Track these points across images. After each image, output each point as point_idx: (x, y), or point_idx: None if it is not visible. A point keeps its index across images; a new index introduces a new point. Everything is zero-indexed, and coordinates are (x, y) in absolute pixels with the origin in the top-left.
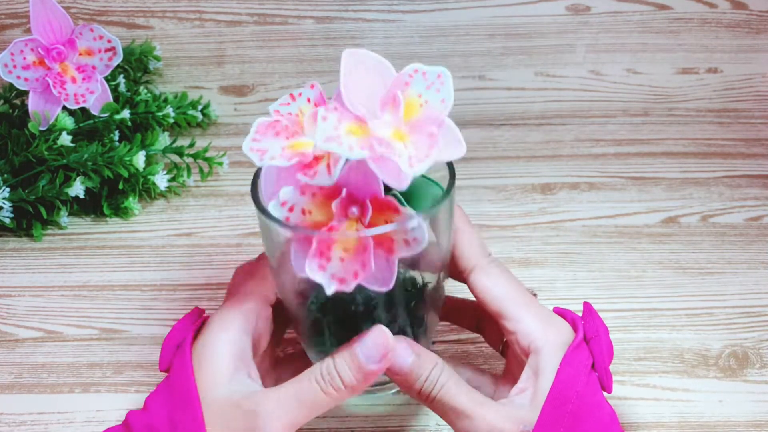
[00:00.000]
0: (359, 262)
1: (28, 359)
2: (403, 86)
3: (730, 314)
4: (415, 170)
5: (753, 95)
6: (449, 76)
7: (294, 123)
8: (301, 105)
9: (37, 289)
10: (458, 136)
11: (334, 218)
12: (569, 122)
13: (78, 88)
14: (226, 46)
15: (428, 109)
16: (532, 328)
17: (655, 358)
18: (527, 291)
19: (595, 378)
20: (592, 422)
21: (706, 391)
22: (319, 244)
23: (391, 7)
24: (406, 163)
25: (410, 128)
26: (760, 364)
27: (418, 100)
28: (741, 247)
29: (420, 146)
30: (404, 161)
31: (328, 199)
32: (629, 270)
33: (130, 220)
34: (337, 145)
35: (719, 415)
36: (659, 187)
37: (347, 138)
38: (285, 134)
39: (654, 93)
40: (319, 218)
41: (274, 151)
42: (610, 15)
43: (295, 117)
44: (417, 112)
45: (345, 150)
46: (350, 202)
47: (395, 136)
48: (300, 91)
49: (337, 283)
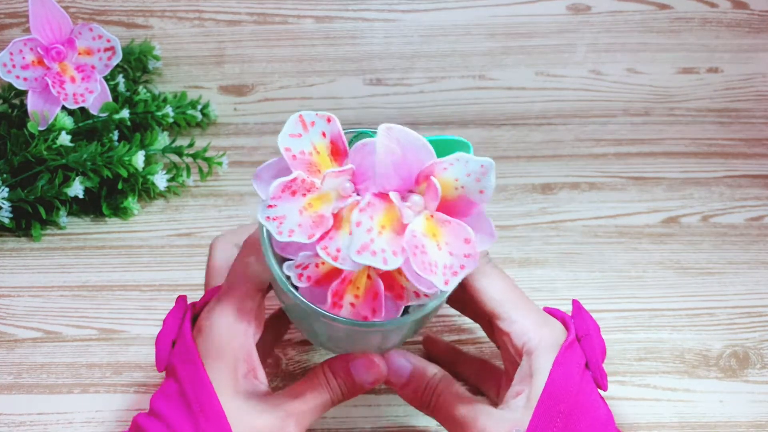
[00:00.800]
0: (369, 308)
1: (27, 359)
2: (442, 171)
3: (730, 314)
4: (447, 287)
5: (754, 95)
6: (493, 168)
7: (310, 166)
8: (313, 139)
9: (36, 290)
10: (492, 228)
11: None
12: (570, 122)
13: (77, 87)
14: (225, 45)
15: (463, 196)
16: (524, 329)
17: (656, 359)
18: (522, 293)
19: (589, 377)
20: (586, 421)
21: (707, 392)
22: (332, 297)
23: (391, 6)
24: (442, 279)
25: (442, 221)
26: (760, 365)
27: (454, 184)
28: (742, 247)
29: (455, 253)
30: (440, 278)
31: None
32: (630, 270)
33: (130, 220)
34: (371, 256)
35: (720, 416)
36: (660, 187)
37: (381, 240)
38: (302, 191)
39: (655, 93)
40: (329, 267)
41: (292, 219)
42: (610, 14)
43: (310, 157)
44: (451, 195)
45: (379, 262)
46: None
47: (428, 230)
48: (312, 120)
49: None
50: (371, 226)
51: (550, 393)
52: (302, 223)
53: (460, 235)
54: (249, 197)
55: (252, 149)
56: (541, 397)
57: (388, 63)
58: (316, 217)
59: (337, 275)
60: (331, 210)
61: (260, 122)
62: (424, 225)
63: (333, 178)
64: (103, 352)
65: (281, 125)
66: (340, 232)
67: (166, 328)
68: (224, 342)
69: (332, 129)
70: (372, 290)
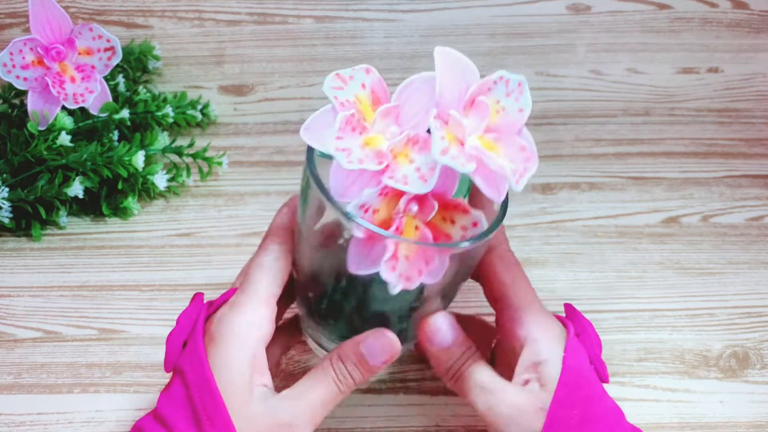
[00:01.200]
0: (423, 260)
1: (27, 359)
2: (486, 91)
3: (730, 315)
4: (518, 187)
5: (754, 95)
6: (527, 86)
7: (358, 113)
8: (356, 91)
9: (36, 290)
10: (533, 147)
11: (396, 214)
12: (570, 122)
13: (77, 87)
14: (225, 45)
15: (505, 117)
16: (532, 320)
17: (656, 359)
18: (533, 288)
19: (593, 370)
20: (602, 408)
21: (707, 392)
22: (392, 246)
23: (391, 6)
24: (513, 181)
25: (494, 137)
26: (760, 365)
27: (497, 107)
28: (742, 247)
29: (516, 160)
30: (512, 178)
31: (395, 197)
32: (630, 270)
33: (130, 220)
34: (452, 159)
35: (720, 416)
36: (660, 187)
37: (453, 149)
38: (359, 129)
39: (654, 93)
40: (383, 215)
41: (357, 152)
42: (610, 14)
43: (356, 105)
44: (494, 118)
45: (459, 165)
46: (412, 199)
47: (485, 145)
48: (351, 74)
49: (404, 281)
50: (443, 136)
51: (567, 380)
52: (367, 156)
53: (515, 145)
54: (249, 197)
55: (252, 149)
56: (560, 383)
57: (388, 63)
58: (376, 151)
59: (389, 226)
60: (387, 147)
61: (260, 122)
62: (480, 143)
63: (381, 119)
64: (103, 352)
65: (281, 125)
66: (399, 164)
67: (178, 327)
68: (234, 351)
69: (372, 79)
70: (423, 240)
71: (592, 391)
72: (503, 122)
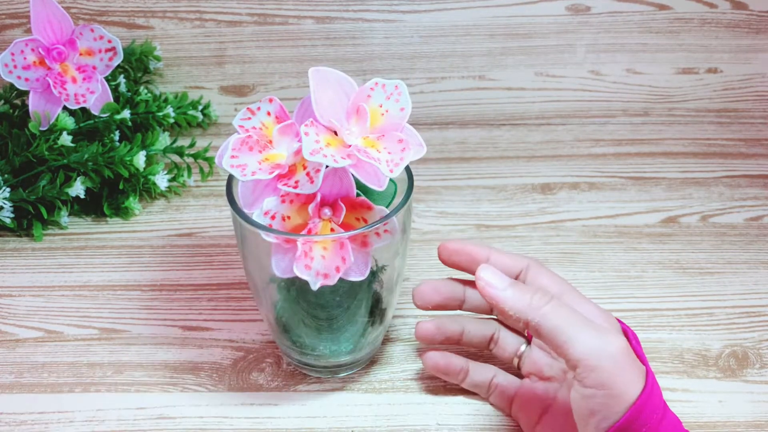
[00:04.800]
0: (339, 258)
1: (28, 359)
2: (366, 99)
3: (730, 314)
4: (393, 174)
5: (753, 95)
6: (405, 87)
7: (261, 136)
8: (261, 119)
9: (37, 289)
10: (419, 139)
11: (310, 220)
12: (569, 122)
13: (78, 88)
14: (226, 46)
15: (389, 118)
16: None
17: (655, 359)
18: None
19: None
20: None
21: (706, 392)
22: (303, 246)
23: (391, 7)
24: (386, 168)
25: (377, 136)
26: (760, 364)
27: (380, 110)
28: (741, 247)
29: (393, 151)
30: (384, 166)
31: (304, 205)
32: (629, 270)
33: (131, 220)
34: (323, 157)
35: (719, 416)
36: (659, 187)
37: (328, 150)
38: (257, 148)
39: (654, 93)
40: (297, 222)
41: (252, 166)
42: (610, 15)
43: (260, 131)
44: (379, 120)
45: (330, 161)
46: (323, 205)
47: (366, 144)
48: (258, 105)
49: (322, 278)
50: (318, 140)
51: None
52: (262, 168)
53: (393, 139)
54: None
55: None
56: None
57: (388, 63)
58: (273, 165)
59: (303, 228)
60: (285, 162)
61: None
62: (363, 142)
63: (280, 136)
64: (104, 351)
65: None
66: (297, 172)
67: None
68: None
69: (274, 107)
70: (337, 240)
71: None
72: (388, 122)
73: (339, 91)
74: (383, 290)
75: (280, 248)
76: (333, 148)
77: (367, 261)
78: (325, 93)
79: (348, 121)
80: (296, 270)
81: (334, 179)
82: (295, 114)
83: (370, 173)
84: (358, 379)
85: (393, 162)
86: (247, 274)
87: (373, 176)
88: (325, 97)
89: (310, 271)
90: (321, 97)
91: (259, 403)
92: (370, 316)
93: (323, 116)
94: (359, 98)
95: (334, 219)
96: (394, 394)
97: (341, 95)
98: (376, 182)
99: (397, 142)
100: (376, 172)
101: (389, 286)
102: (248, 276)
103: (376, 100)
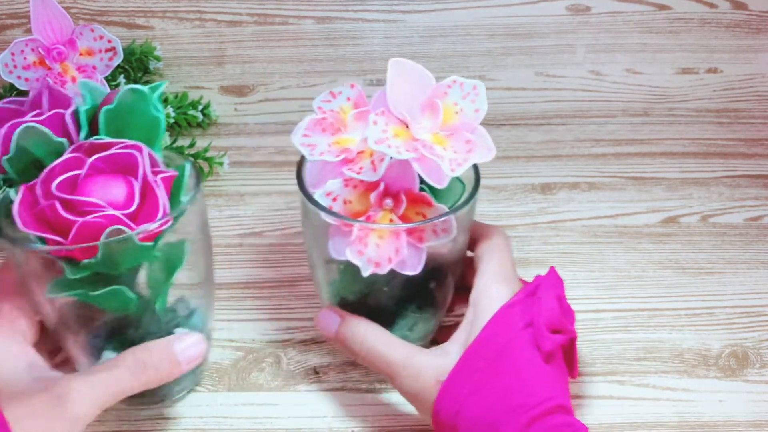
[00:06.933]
0: (393, 248)
1: None
2: (442, 95)
3: (730, 314)
4: (455, 173)
5: (753, 95)
6: (484, 88)
7: (337, 120)
8: (341, 103)
9: None
10: (489, 142)
11: (371, 208)
12: (569, 122)
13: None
14: (226, 46)
15: (463, 117)
16: (480, 284)
17: (655, 358)
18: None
19: (526, 336)
20: (505, 379)
21: (706, 391)
22: (359, 232)
23: (391, 7)
24: (448, 167)
25: (447, 133)
26: (760, 364)
27: (454, 108)
28: (741, 247)
29: (459, 150)
30: (446, 165)
31: (367, 192)
32: (629, 270)
33: None
34: (387, 147)
35: (719, 415)
36: (659, 187)
37: (395, 141)
38: (330, 131)
39: (654, 93)
40: (358, 208)
41: (322, 147)
42: (610, 15)
43: (337, 114)
44: (453, 118)
45: (394, 152)
46: (386, 195)
47: (434, 140)
48: (340, 90)
49: (373, 266)
50: (386, 129)
51: (480, 343)
52: (330, 150)
53: (461, 139)
54: (250, 197)
55: (252, 149)
56: (470, 346)
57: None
58: (341, 149)
59: (363, 215)
60: (354, 147)
61: (261, 122)
62: (431, 138)
63: (354, 121)
64: None
65: (282, 125)
66: (363, 158)
67: None
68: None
69: (355, 93)
70: (393, 231)
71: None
72: (461, 121)
73: (416, 84)
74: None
75: (338, 230)
76: (399, 140)
77: (421, 256)
78: (402, 85)
79: (421, 116)
80: (349, 254)
81: (399, 171)
82: (372, 102)
83: (432, 169)
84: (358, 379)
85: (456, 162)
86: (306, 250)
87: (434, 173)
88: (401, 89)
89: (363, 257)
90: (397, 89)
91: (259, 403)
92: (421, 312)
93: (396, 107)
94: (435, 94)
95: (394, 210)
96: (394, 394)
97: (418, 89)
98: (436, 179)
99: (464, 142)
100: (438, 169)
101: (445, 285)
102: (307, 252)
103: (452, 98)
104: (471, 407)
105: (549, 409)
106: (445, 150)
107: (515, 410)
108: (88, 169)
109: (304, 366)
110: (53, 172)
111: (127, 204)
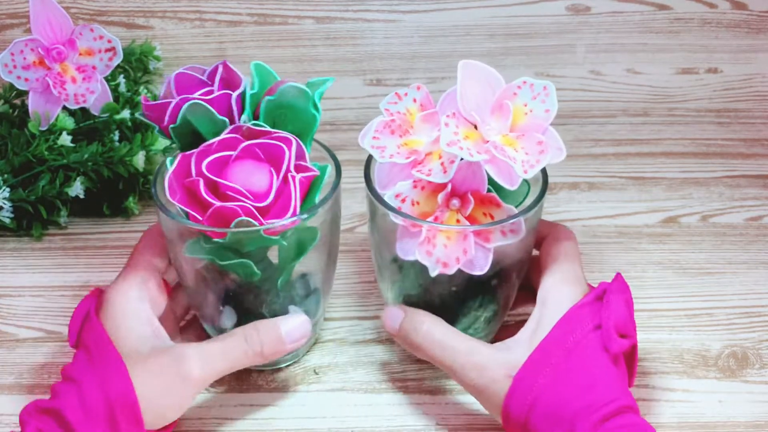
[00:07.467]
0: (461, 249)
1: (28, 359)
2: (512, 96)
3: (729, 315)
4: (528, 175)
5: (753, 95)
6: (554, 88)
7: (404, 121)
8: (407, 105)
9: (37, 289)
10: (560, 143)
11: (438, 209)
12: (569, 122)
13: (78, 88)
14: (226, 46)
15: (533, 118)
16: (548, 283)
17: (655, 359)
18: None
19: (594, 337)
20: (579, 375)
21: (706, 392)
22: (428, 233)
23: (391, 7)
24: (521, 168)
25: (517, 135)
26: (759, 365)
27: (524, 109)
28: (741, 247)
29: (531, 152)
30: (519, 166)
31: (435, 193)
32: (629, 270)
33: (130, 219)
34: (459, 149)
35: (719, 416)
36: (659, 187)
37: (466, 143)
38: (398, 132)
39: (654, 93)
40: (425, 209)
41: (391, 149)
42: (610, 15)
43: (404, 116)
44: (522, 119)
45: (466, 154)
46: (453, 195)
47: (504, 141)
48: (406, 91)
49: (441, 266)
50: (457, 132)
51: (549, 342)
52: (399, 152)
53: (533, 140)
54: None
55: None
56: (540, 345)
57: (389, 63)
58: (410, 150)
59: (430, 215)
60: (423, 149)
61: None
62: (501, 140)
63: (422, 123)
64: None
65: None
66: (431, 160)
67: (78, 309)
68: (122, 308)
69: (421, 95)
70: (462, 232)
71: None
72: (531, 122)
73: (485, 85)
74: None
75: (406, 231)
76: (470, 142)
77: (488, 257)
78: (472, 87)
79: (490, 117)
80: (417, 254)
81: (467, 172)
82: (439, 104)
83: (503, 171)
84: (358, 379)
85: (529, 163)
86: (372, 249)
87: (506, 175)
88: (471, 91)
89: (431, 257)
90: (466, 90)
91: (259, 404)
92: (484, 309)
93: (466, 109)
94: (505, 95)
95: (461, 211)
96: (394, 394)
97: (487, 90)
98: (508, 181)
99: (536, 143)
100: (510, 171)
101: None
102: (373, 251)
103: (522, 99)
104: (545, 402)
105: (619, 408)
106: (517, 151)
107: (588, 407)
108: (240, 151)
109: (304, 366)
110: (210, 148)
111: (263, 196)
